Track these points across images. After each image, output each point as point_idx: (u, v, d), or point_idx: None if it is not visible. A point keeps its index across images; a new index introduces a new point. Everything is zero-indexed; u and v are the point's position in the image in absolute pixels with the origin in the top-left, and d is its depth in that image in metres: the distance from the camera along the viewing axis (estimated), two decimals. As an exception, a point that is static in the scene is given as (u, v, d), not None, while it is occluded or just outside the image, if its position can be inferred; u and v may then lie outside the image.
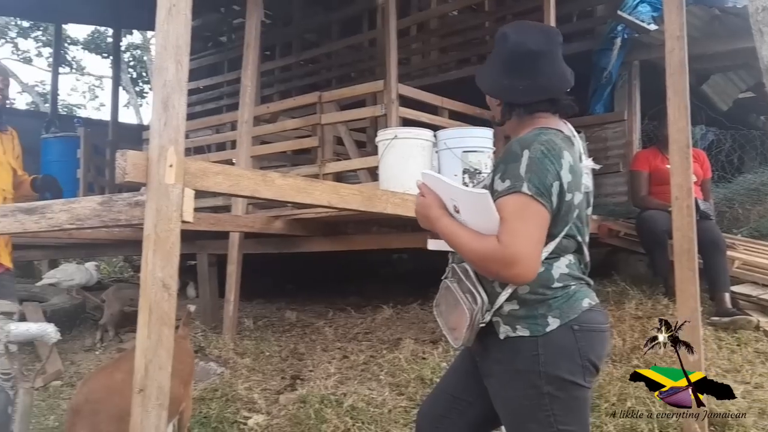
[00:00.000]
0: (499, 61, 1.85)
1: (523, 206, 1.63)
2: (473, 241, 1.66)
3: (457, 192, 1.74)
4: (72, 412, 2.51)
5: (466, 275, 1.78)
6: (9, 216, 2.52)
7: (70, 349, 5.48)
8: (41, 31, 16.48)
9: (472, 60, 7.25)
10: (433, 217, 1.76)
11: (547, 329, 1.70)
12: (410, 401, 3.73)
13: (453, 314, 1.81)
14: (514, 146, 1.72)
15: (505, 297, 1.72)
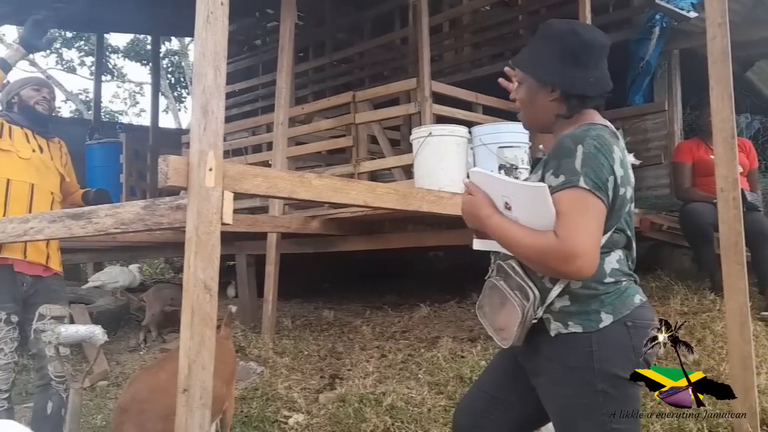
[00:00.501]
0: (563, 54, 1.78)
1: (582, 200, 1.61)
2: (529, 237, 1.63)
3: (511, 187, 1.71)
4: (119, 410, 2.58)
5: (513, 271, 1.75)
6: (57, 221, 2.60)
7: (115, 349, 5.62)
8: (84, 41, 16.88)
9: (505, 55, 7.18)
10: (483, 216, 1.73)
11: (601, 325, 1.67)
12: (449, 400, 3.72)
13: (500, 313, 1.78)
14: (565, 142, 1.69)
15: (557, 292, 1.69)
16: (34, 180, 3.24)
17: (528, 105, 1.85)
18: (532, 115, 1.86)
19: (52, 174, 3.37)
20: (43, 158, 3.33)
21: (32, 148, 3.30)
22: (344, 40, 9.01)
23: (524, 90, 1.85)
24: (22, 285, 3.16)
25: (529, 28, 7.20)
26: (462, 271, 6.89)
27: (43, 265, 3.24)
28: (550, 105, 1.81)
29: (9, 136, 3.23)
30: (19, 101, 3.35)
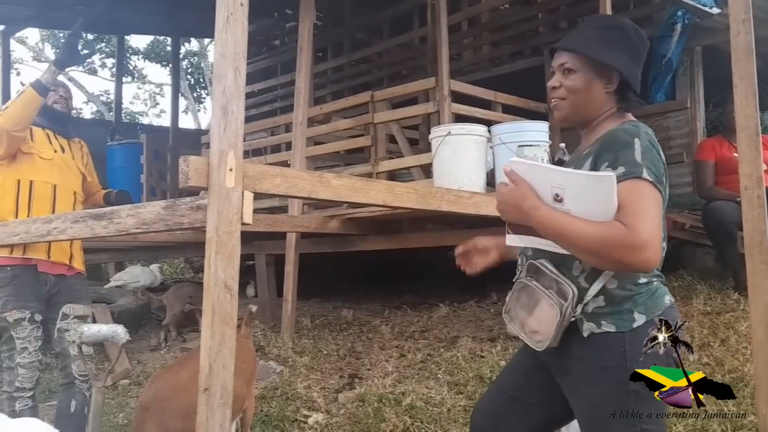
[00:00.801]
0: (628, 49, 1.76)
1: (646, 191, 1.59)
2: (591, 227, 1.57)
3: (567, 177, 1.63)
4: (141, 409, 2.60)
5: (547, 270, 1.72)
6: (80, 222, 2.63)
7: (136, 348, 5.67)
8: (105, 42, 17.06)
9: (525, 53, 7.14)
10: (528, 207, 1.65)
11: (634, 325, 1.65)
12: (469, 400, 3.71)
13: (533, 314, 1.73)
14: (620, 135, 1.66)
15: (595, 291, 1.67)
16: (57, 180, 3.27)
17: (578, 93, 1.78)
18: (579, 105, 1.79)
19: (74, 174, 3.40)
20: (65, 158, 3.36)
21: (54, 149, 3.33)
22: (363, 40, 9.01)
23: (577, 77, 1.78)
24: (46, 284, 3.20)
25: (549, 25, 7.15)
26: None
27: (67, 265, 3.27)
28: (602, 96, 1.78)
29: (31, 137, 3.25)
30: None
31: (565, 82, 1.80)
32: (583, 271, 1.70)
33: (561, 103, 1.83)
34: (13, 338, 3.06)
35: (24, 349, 3.05)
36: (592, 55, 1.76)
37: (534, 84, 6.03)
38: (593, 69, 1.76)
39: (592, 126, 1.81)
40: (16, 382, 3.03)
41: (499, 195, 1.73)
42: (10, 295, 3.09)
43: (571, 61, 1.79)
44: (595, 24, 1.90)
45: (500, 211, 1.75)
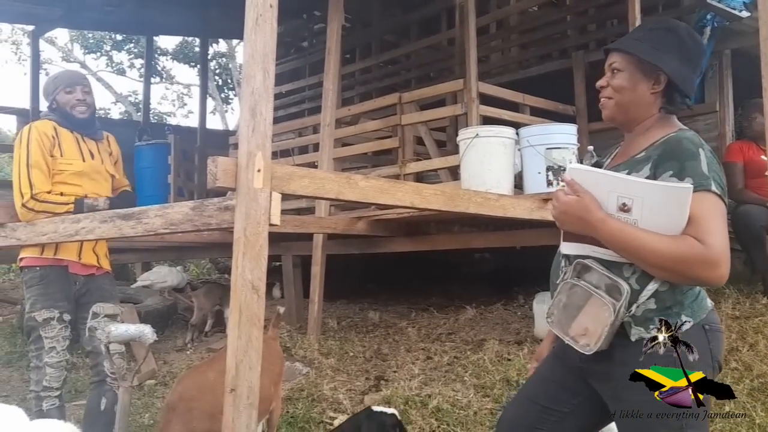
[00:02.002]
0: (679, 47, 1.74)
1: (715, 205, 1.58)
2: (665, 242, 1.55)
3: (639, 186, 1.60)
4: (167, 408, 2.61)
5: (598, 269, 1.67)
6: (108, 222, 2.65)
7: (162, 349, 5.71)
8: (133, 43, 17.28)
9: (553, 55, 7.07)
10: (595, 219, 1.61)
11: (683, 329, 1.61)
12: (496, 403, 3.67)
13: (581, 316, 1.68)
14: (685, 144, 1.63)
15: (649, 294, 1.64)
16: (87, 190, 3.25)
17: (624, 93, 1.77)
18: (625, 105, 1.78)
19: (103, 179, 3.38)
20: (94, 165, 3.33)
21: (83, 156, 3.29)
22: (391, 42, 9.01)
23: (624, 77, 1.77)
24: (75, 284, 3.22)
25: (577, 28, 7.08)
26: (509, 273, 6.83)
27: (96, 265, 3.30)
28: (649, 97, 1.76)
29: (59, 144, 3.21)
30: (58, 106, 3.30)
31: (611, 82, 1.80)
32: (635, 273, 1.65)
33: (607, 102, 1.82)
34: (41, 338, 3.09)
35: (52, 349, 3.08)
36: (637, 54, 1.75)
37: (562, 87, 5.99)
38: (640, 69, 1.75)
39: (640, 128, 1.78)
40: (44, 382, 3.05)
41: (560, 205, 1.69)
42: (39, 295, 3.12)
43: (619, 60, 1.79)
44: (647, 25, 1.88)
45: (560, 221, 1.72)
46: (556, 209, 1.71)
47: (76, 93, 3.29)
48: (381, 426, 2.61)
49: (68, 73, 3.53)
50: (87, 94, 3.34)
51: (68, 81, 3.33)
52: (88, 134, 3.36)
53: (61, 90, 3.28)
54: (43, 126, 3.22)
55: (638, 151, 1.74)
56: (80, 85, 3.33)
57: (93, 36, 17.30)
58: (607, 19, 6.86)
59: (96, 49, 17.96)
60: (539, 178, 4.42)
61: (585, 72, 5.97)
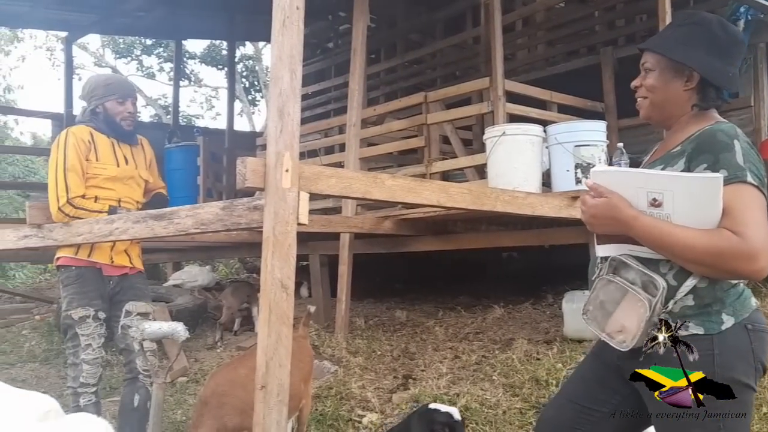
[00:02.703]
0: (709, 42, 1.71)
1: (754, 196, 1.55)
2: (701, 237, 1.52)
3: (668, 180, 1.59)
4: (200, 403, 2.66)
5: (633, 265, 1.66)
6: (141, 222, 2.70)
7: (193, 347, 5.79)
8: (163, 47, 17.53)
9: (581, 52, 7.01)
10: (627, 218, 1.60)
11: (723, 327, 1.59)
12: (525, 402, 3.66)
13: (617, 312, 1.66)
14: (718, 135, 1.61)
15: (687, 290, 1.61)
16: (121, 194, 3.32)
17: (657, 92, 1.76)
18: (659, 104, 1.77)
19: (136, 184, 3.44)
20: (128, 170, 3.38)
21: (118, 161, 3.35)
22: (416, 41, 9.01)
23: (655, 76, 1.76)
24: (109, 283, 3.29)
25: (605, 24, 7.01)
26: (537, 272, 6.79)
27: (129, 265, 3.36)
28: (683, 94, 1.74)
29: (95, 149, 3.27)
30: (104, 112, 3.33)
31: (644, 82, 1.79)
32: (672, 268, 1.63)
33: (642, 102, 1.82)
34: (77, 335, 3.16)
35: (88, 346, 3.15)
36: (664, 53, 1.74)
37: (590, 83, 5.93)
38: (671, 67, 1.73)
39: (677, 124, 1.76)
40: (81, 378, 3.13)
41: (588, 208, 1.68)
42: (75, 294, 3.20)
43: (650, 60, 1.78)
44: (676, 21, 1.85)
45: (590, 224, 1.70)
46: (585, 213, 1.70)
47: (127, 105, 3.34)
48: (429, 423, 2.57)
49: (120, 83, 3.48)
50: (134, 107, 3.42)
51: (121, 92, 3.35)
52: (124, 140, 3.41)
53: (114, 99, 3.32)
54: (80, 131, 3.28)
55: (675, 145, 1.73)
56: (131, 98, 3.38)
57: (124, 41, 17.57)
58: (636, 14, 6.78)
59: (126, 53, 18.23)
60: (568, 176, 4.39)
61: (614, 68, 5.91)
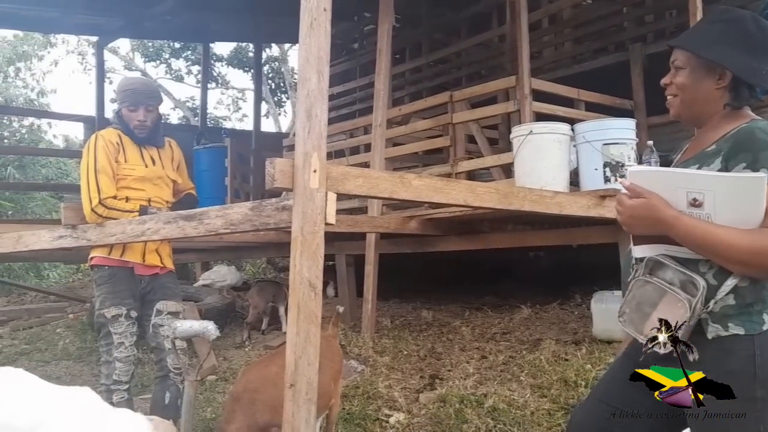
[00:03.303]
0: (742, 39, 1.68)
1: None
2: (744, 237, 1.50)
3: (710, 180, 1.57)
4: (232, 398, 2.71)
5: (671, 264, 1.63)
6: (172, 222, 2.75)
7: (222, 345, 5.85)
8: (190, 50, 17.74)
9: (609, 49, 6.93)
10: (667, 218, 1.57)
11: (764, 327, 1.57)
12: (553, 403, 3.63)
13: (655, 314, 1.63)
14: (757, 134, 1.59)
15: (728, 289, 1.58)
16: (150, 194, 3.39)
17: (687, 91, 1.73)
18: (690, 103, 1.74)
19: (165, 184, 3.51)
20: (156, 170, 3.46)
21: (146, 163, 3.43)
22: (441, 41, 9.00)
23: (686, 74, 1.73)
24: (141, 283, 3.36)
25: (634, 20, 6.92)
26: (565, 272, 6.73)
27: (160, 265, 3.42)
28: (714, 93, 1.70)
29: (123, 150, 3.36)
30: (122, 119, 3.41)
31: (674, 80, 1.75)
32: (711, 268, 1.60)
33: (672, 101, 1.78)
34: (110, 333, 3.24)
35: (121, 344, 3.22)
36: (695, 51, 1.70)
37: (619, 81, 5.87)
38: (702, 65, 1.70)
39: (709, 123, 1.73)
40: (114, 375, 3.20)
41: (625, 209, 1.65)
42: (108, 293, 3.27)
43: (680, 57, 1.74)
44: (708, 18, 1.81)
45: (628, 226, 1.67)
46: (622, 215, 1.67)
47: (139, 113, 3.38)
48: None
49: (134, 91, 3.44)
50: (149, 113, 3.41)
51: (132, 100, 3.38)
52: (148, 143, 3.48)
53: (126, 107, 3.38)
54: (109, 134, 3.38)
55: (708, 144, 1.69)
56: (144, 105, 3.39)
57: (153, 45, 17.82)
58: (665, 9, 6.69)
59: (155, 57, 18.49)
60: (596, 175, 4.35)
61: (643, 65, 5.84)
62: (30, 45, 15.73)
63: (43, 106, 15.67)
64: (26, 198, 13.17)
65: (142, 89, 3.46)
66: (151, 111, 3.42)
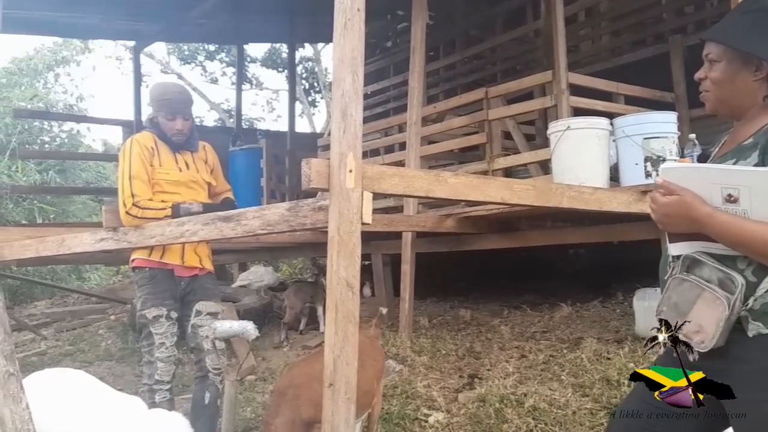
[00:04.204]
0: None
1: None
2: None
3: (741, 175, 1.53)
4: (278, 394, 2.73)
5: (708, 261, 1.60)
6: (210, 224, 2.77)
7: (260, 346, 5.90)
8: (225, 52, 17.96)
9: (648, 41, 6.79)
10: (702, 215, 1.54)
11: None
12: (596, 403, 3.56)
13: (693, 312, 1.60)
14: None
15: (767, 287, 1.54)
16: (185, 198, 3.40)
17: (722, 85, 1.68)
18: (726, 96, 1.69)
19: (199, 187, 3.53)
20: (190, 174, 3.48)
21: (179, 167, 3.46)
22: (475, 37, 8.93)
23: (721, 67, 1.68)
24: (180, 284, 3.40)
25: (673, 11, 6.77)
26: (606, 270, 6.62)
27: (199, 267, 3.45)
28: (751, 86, 1.65)
29: (158, 154, 3.39)
30: (157, 125, 3.44)
31: (709, 74, 1.70)
32: (750, 264, 1.56)
33: (707, 95, 1.73)
34: (151, 334, 3.28)
35: (162, 344, 3.26)
36: (729, 44, 1.65)
37: (659, 73, 5.74)
38: (738, 58, 1.64)
39: (747, 116, 1.68)
40: (156, 375, 3.24)
41: (659, 207, 1.62)
42: (149, 294, 3.31)
43: (714, 51, 1.69)
44: (743, 8, 1.75)
45: (662, 224, 1.64)
46: (656, 213, 1.63)
47: (176, 123, 3.40)
48: None
49: (172, 100, 3.44)
50: (186, 122, 3.43)
51: (169, 109, 3.40)
52: (183, 147, 3.50)
53: (163, 115, 3.40)
54: (144, 139, 3.41)
55: (746, 137, 1.64)
56: (182, 114, 3.41)
57: (188, 48, 18.08)
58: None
59: (191, 60, 18.76)
60: (637, 170, 4.26)
61: (683, 57, 5.70)
62: (69, 51, 16.08)
63: (82, 110, 16.02)
64: (67, 201, 13.48)
65: (180, 98, 3.47)
66: (188, 120, 3.45)
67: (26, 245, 3.88)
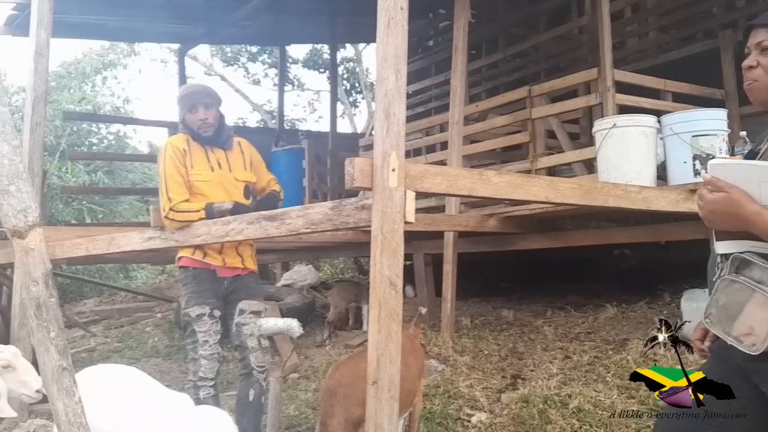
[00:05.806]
0: None
1: None
2: None
3: None
4: (328, 394, 2.76)
5: (759, 261, 1.55)
6: (254, 223, 2.81)
7: (303, 344, 5.95)
8: (267, 54, 18.17)
9: (696, 36, 6.62)
10: (749, 214, 1.50)
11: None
12: (642, 405, 3.50)
13: (743, 314, 1.56)
14: None
15: None
16: (219, 197, 3.40)
17: None
18: None
19: (233, 186, 3.49)
20: (222, 174, 3.47)
21: (211, 167, 3.44)
22: (518, 35, 8.83)
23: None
24: (224, 283, 3.44)
25: (724, 5, 6.58)
26: (652, 270, 6.48)
27: (241, 267, 3.49)
28: None
29: (190, 156, 3.39)
30: (187, 125, 3.45)
31: (762, 61, 1.63)
32: None
33: (755, 85, 1.66)
34: (195, 332, 3.32)
35: (205, 342, 3.30)
36: None
37: (708, 69, 5.59)
38: None
39: None
40: (200, 372, 3.29)
41: (706, 204, 1.58)
42: (192, 293, 3.36)
43: (767, 37, 1.62)
44: None
45: (709, 221, 1.60)
46: (703, 209, 1.59)
47: (198, 113, 3.39)
48: None
49: (188, 92, 3.51)
50: (208, 110, 3.41)
51: (188, 102, 3.42)
52: (215, 144, 3.49)
53: (186, 111, 3.43)
54: (177, 141, 3.44)
55: None
56: (201, 104, 3.40)
57: (231, 50, 18.35)
58: (757, -8, 6.33)
59: (233, 61, 19.03)
60: (685, 168, 4.16)
61: (734, 52, 5.54)
62: (116, 54, 16.49)
63: (128, 113, 16.40)
64: (114, 202, 13.82)
65: (196, 90, 3.52)
66: (209, 108, 3.42)
67: (77, 244, 3.99)
